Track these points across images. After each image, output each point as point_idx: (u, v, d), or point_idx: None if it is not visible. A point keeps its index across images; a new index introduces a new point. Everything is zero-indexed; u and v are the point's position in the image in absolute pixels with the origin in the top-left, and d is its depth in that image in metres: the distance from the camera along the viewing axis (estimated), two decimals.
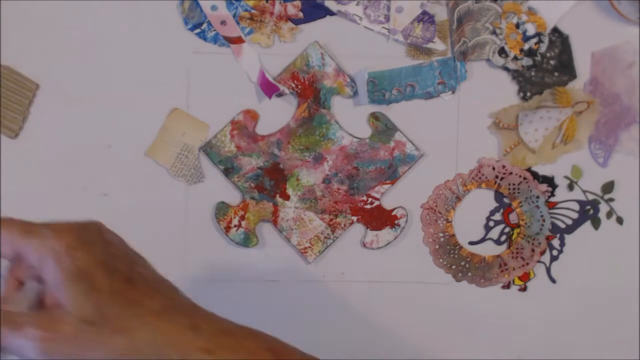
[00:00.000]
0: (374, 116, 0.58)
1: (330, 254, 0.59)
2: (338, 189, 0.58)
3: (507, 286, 0.60)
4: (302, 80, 0.57)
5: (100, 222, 0.37)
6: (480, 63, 0.58)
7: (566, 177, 0.59)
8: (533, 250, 0.59)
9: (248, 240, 0.57)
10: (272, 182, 0.58)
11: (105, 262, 0.34)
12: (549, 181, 0.59)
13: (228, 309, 0.43)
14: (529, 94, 0.58)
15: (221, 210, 0.57)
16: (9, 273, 0.35)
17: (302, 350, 0.37)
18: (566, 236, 0.60)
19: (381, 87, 0.57)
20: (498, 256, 0.59)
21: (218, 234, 0.58)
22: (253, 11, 0.57)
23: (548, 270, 0.60)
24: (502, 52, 0.57)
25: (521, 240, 0.59)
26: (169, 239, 0.58)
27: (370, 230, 0.58)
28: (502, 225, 0.60)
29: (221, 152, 0.57)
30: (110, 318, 0.32)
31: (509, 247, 0.59)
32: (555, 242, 0.60)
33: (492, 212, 0.59)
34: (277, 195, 0.58)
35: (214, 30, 0.57)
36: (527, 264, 0.59)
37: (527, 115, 0.58)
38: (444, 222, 0.59)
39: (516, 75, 0.58)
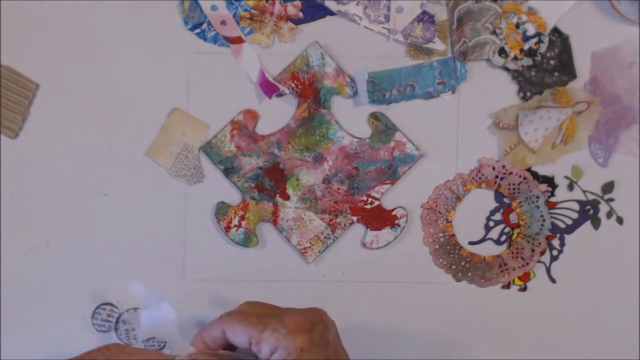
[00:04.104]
0: (374, 116, 0.58)
1: (330, 254, 0.59)
2: (338, 189, 0.58)
3: (507, 286, 0.60)
4: (302, 80, 0.57)
5: (323, 313, 0.41)
6: (480, 63, 0.58)
7: (566, 177, 0.59)
8: (533, 250, 0.59)
9: (248, 240, 0.57)
10: (272, 182, 0.58)
11: None
12: (549, 181, 0.59)
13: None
14: (529, 94, 0.58)
15: (221, 210, 0.57)
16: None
17: None
18: (566, 236, 0.60)
19: (381, 87, 0.58)
20: (498, 256, 0.59)
21: (218, 234, 0.58)
22: (253, 11, 0.57)
23: (548, 270, 0.60)
24: (502, 52, 0.57)
25: (521, 240, 0.59)
26: (169, 239, 0.58)
27: (370, 230, 0.58)
28: (502, 225, 0.60)
29: (221, 152, 0.57)
30: None
31: (509, 247, 0.59)
32: (555, 242, 0.60)
33: (492, 212, 0.59)
34: (277, 195, 0.58)
35: (214, 30, 0.57)
36: (527, 264, 0.59)
37: (527, 115, 0.58)
38: (444, 222, 0.59)
39: (516, 75, 0.58)
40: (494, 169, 0.58)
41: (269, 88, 0.56)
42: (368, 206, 0.58)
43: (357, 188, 0.58)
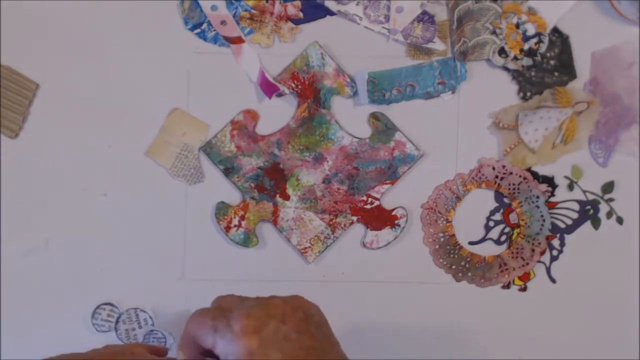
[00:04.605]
0: (374, 116, 0.58)
1: (330, 254, 0.59)
2: (338, 189, 0.58)
3: (507, 286, 0.60)
4: (302, 80, 0.57)
5: (280, 305, 0.37)
6: (480, 63, 0.58)
7: (566, 177, 0.59)
8: (533, 250, 0.59)
9: (248, 240, 0.57)
10: (272, 182, 0.58)
11: None
12: (549, 181, 0.59)
13: None
14: (529, 94, 0.58)
15: (221, 210, 0.57)
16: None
17: None
18: (566, 236, 0.60)
19: (381, 87, 0.58)
20: (498, 256, 0.59)
21: (218, 234, 0.58)
22: (253, 11, 0.57)
23: (548, 270, 0.60)
24: (502, 52, 0.57)
25: (521, 240, 0.59)
26: (169, 239, 0.58)
27: (370, 230, 0.58)
28: (502, 225, 0.60)
29: (221, 152, 0.57)
30: None
31: (509, 247, 0.59)
32: (555, 242, 0.60)
33: (492, 212, 0.59)
34: (277, 195, 0.58)
35: (214, 30, 0.57)
36: (527, 264, 0.59)
37: (527, 115, 0.58)
38: (444, 222, 0.59)
39: (516, 75, 0.58)
40: (494, 169, 0.58)
41: (269, 88, 0.56)
42: (368, 206, 0.58)
43: (357, 188, 0.58)
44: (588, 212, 0.59)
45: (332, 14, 0.57)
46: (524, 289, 0.60)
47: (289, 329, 0.35)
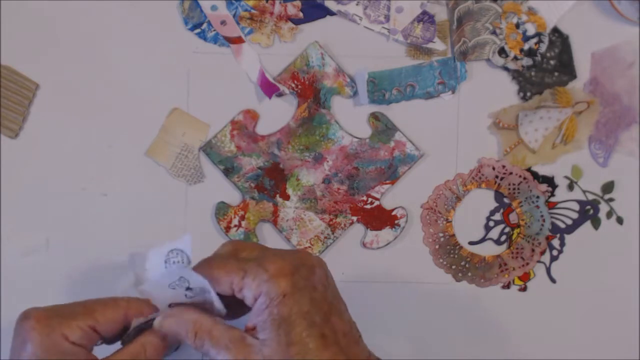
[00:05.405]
0: (374, 116, 0.58)
1: (330, 254, 0.59)
2: (338, 189, 0.58)
3: (507, 286, 0.60)
4: (302, 80, 0.57)
5: (306, 255, 0.39)
6: (480, 63, 0.58)
7: (566, 177, 0.59)
8: (533, 250, 0.59)
9: (248, 240, 0.57)
10: (272, 182, 0.58)
11: (307, 313, 0.36)
12: (549, 181, 0.59)
13: None
14: (529, 94, 0.58)
15: (221, 210, 0.57)
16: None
17: None
18: (566, 236, 0.60)
19: (381, 87, 0.58)
20: (498, 256, 0.59)
21: (218, 234, 0.58)
22: (253, 11, 0.57)
23: (548, 270, 0.60)
24: (502, 52, 0.57)
25: (521, 240, 0.59)
26: (169, 239, 0.57)
27: (370, 230, 0.58)
28: (502, 225, 0.60)
29: (221, 152, 0.57)
30: None
31: (509, 247, 0.59)
32: (555, 242, 0.60)
33: (492, 212, 0.59)
34: (277, 195, 0.58)
35: (214, 30, 0.57)
36: (527, 264, 0.59)
37: (527, 115, 0.58)
38: (444, 222, 0.59)
39: (516, 75, 0.58)
40: (494, 169, 0.58)
41: (269, 88, 0.56)
42: (368, 206, 0.58)
43: (357, 188, 0.58)
44: (588, 212, 0.59)
45: (332, 14, 0.57)
46: (524, 289, 0.60)
47: (316, 280, 0.37)
